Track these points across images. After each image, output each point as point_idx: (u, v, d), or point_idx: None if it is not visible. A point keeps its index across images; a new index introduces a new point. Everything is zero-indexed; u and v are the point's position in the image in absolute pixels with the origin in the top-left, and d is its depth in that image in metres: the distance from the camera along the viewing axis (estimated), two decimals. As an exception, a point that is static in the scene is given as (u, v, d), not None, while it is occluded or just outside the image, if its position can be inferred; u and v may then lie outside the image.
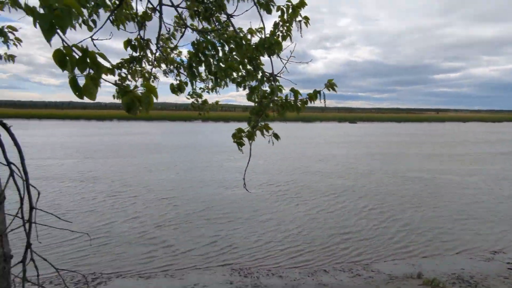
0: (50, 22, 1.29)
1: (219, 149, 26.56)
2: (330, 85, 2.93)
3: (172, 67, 5.04)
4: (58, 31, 1.33)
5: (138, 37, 4.48)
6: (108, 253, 7.95)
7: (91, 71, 1.46)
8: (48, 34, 1.30)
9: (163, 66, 5.14)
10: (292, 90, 2.85)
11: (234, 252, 8.14)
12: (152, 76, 5.05)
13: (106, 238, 8.82)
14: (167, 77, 5.31)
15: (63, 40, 1.44)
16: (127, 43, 4.28)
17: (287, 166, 19.62)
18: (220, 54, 3.48)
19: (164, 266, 7.45)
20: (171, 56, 4.96)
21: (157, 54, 4.79)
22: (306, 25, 3.56)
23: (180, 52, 5.06)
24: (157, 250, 8.14)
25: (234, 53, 3.44)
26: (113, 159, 20.92)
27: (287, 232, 9.45)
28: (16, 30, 4.52)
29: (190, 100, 4.97)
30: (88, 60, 1.41)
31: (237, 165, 19.51)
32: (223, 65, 3.46)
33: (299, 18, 3.56)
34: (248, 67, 3.28)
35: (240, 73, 3.38)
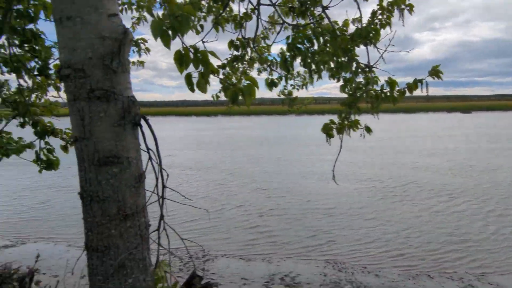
0: (172, 28, 1.62)
1: (316, 142, 26.41)
2: (435, 72, 2.72)
3: (265, 65, 5.31)
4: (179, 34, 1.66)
5: (240, 36, 4.86)
6: (217, 235, 8.91)
7: (202, 68, 1.75)
8: (167, 38, 1.63)
9: (256, 65, 5.43)
10: (388, 80, 2.76)
11: (332, 247, 8.12)
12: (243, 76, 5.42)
13: (216, 221, 9.87)
14: (259, 75, 5.61)
15: (182, 43, 1.77)
16: (231, 44, 4.71)
17: (391, 161, 18.32)
18: (315, 47, 3.56)
19: (264, 252, 7.96)
20: (264, 55, 5.23)
21: (253, 54, 5.12)
22: (410, 13, 3.33)
23: (269, 49, 5.26)
24: (259, 238, 8.72)
25: (327, 45, 3.47)
26: (221, 151, 23.02)
27: (392, 234, 8.90)
28: (146, 41, 5.45)
29: (282, 97, 5.19)
30: (200, 58, 1.70)
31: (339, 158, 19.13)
32: (317, 58, 3.54)
33: (401, 5, 3.37)
34: (342, 59, 3.29)
35: (333, 65, 3.41)
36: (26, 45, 2.50)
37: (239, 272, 6.93)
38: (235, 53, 4.82)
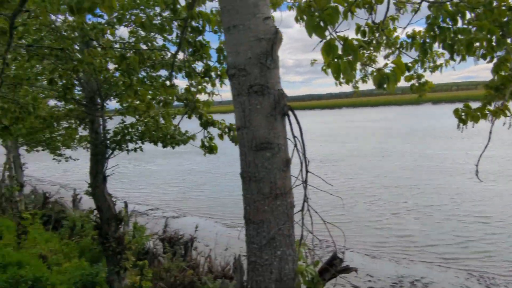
0: (323, 20, 1.74)
1: (457, 134, 22.73)
2: None
3: (393, 49, 4.89)
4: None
5: (370, 22, 4.65)
6: (346, 228, 8.84)
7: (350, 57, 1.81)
8: (321, 30, 1.75)
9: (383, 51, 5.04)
10: None
11: (478, 257, 6.99)
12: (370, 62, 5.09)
13: (346, 216, 9.78)
14: (388, 60, 5.19)
15: (330, 34, 1.87)
16: (358, 30, 4.56)
17: None
18: (459, 24, 3.13)
19: (392, 252, 7.47)
20: (393, 37, 4.81)
21: (381, 38, 4.79)
22: None
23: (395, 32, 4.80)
24: (390, 237, 8.23)
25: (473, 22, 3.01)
26: (349, 144, 22.44)
27: None
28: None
29: (409, 83, 4.69)
30: (349, 47, 1.77)
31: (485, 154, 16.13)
32: (461, 37, 3.12)
33: None
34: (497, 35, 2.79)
35: (483, 44, 2.93)
36: (196, 53, 3.09)
37: (364, 268, 6.73)
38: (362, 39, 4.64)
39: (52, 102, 6.67)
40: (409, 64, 4.45)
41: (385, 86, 1.83)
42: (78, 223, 10.59)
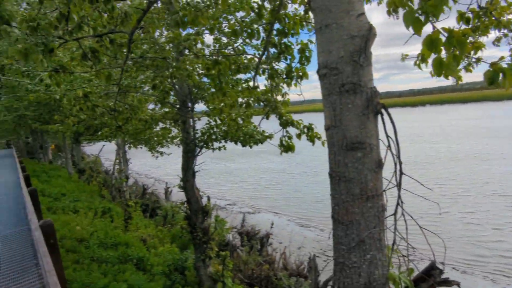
0: (425, 13, 1.63)
1: None
2: None
3: (505, 31, 4.24)
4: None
5: (475, 7, 4.14)
6: (436, 240, 8.05)
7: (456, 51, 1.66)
8: (419, 24, 1.64)
9: (492, 34, 4.39)
10: None
11: None
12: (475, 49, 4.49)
13: (439, 224, 8.92)
14: (498, 45, 4.52)
15: (434, 27, 1.74)
16: (460, 17, 4.08)
17: None
18: None
19: (489, 270, 6.55)
20: (505, 18, 4.16)
21: (489, 22, 4.19)
22: None
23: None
24: (487, 255, 7.25)
25: None
26: (439, 145, 20.37)
27: None
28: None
29: None
30: (455, 40, 1.62)
31: None
32: None
33: None
34: None
35: None
36: (281, 55, 3.17)
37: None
38: (464, 26, 4.15)
39: (150, 106, 7.56)
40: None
41: (499, 82, 1.64)
42: (169, 213, 11.72)
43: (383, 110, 2.10)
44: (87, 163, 24.99)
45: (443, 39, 1.67)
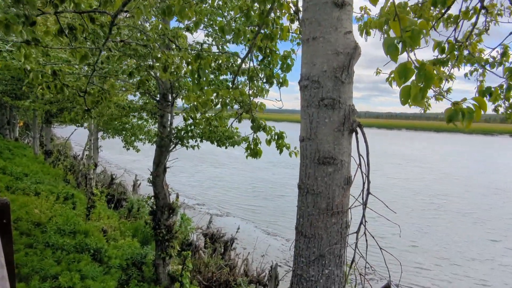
0: (402, 42, 1.66)
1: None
2: None
3: (476, 65, 4.49)
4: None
5: (451, 39, 4.34)
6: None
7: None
8: (395, 53, 1.68)
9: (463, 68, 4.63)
10: None
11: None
12: (447, 78, 4.73)
13: (400, 248, 9.13)
14: (469, 78, 4.76)
15: (408, 57, 1.78)
16: (437, 46, 4.26)
17: None
18: None
19: None
20: (478, 55, 4.41)
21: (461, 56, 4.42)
22: None
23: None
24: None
25: None
26: (413, 168, 21.00)
27: None
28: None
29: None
30: (424, 73, 1.67)
31: None
32: None
33: None
34: None
35: None
36: (265, 60, 3.18)
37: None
38: (439, 56, 4.35)
39: (130, 97, 7.39)
40: (492, 89, 4.04)
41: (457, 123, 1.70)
42: (135, 206, 11.41)
43: (358, 129, 2.13)
44: (56, 145, 24.01)
45: (415, 70, 1.71)
